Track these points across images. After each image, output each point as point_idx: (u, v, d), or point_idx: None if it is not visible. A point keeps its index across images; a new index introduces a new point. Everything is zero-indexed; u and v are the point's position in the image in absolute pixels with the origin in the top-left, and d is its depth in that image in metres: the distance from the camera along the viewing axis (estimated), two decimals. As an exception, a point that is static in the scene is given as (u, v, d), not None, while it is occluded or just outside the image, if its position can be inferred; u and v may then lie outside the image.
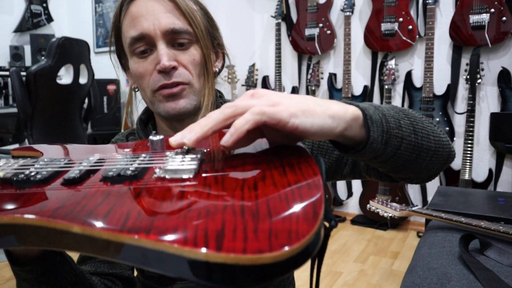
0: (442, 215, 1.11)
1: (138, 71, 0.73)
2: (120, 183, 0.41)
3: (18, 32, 3.98)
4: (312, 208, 0.33)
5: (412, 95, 2.69)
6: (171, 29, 0.70)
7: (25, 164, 0.48)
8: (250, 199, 0.35)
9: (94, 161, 0.48)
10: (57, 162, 0.49)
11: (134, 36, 0.71)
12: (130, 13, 0.72)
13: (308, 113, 0.44)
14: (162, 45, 0.71)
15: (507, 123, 2.28)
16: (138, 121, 0.83)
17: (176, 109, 0.72)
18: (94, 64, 2.74)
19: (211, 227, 0.30)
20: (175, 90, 0.72)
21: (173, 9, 0.72)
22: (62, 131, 2.56)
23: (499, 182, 2.51)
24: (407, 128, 0.55)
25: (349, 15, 2.83)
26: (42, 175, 0.43)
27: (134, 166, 0.45)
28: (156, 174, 0.43)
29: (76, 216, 0.34)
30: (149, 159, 0.48)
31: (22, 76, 2.25)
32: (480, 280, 0.79)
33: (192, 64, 0.73)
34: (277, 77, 3.14)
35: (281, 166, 0.43)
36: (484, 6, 2.39)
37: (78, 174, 0.43)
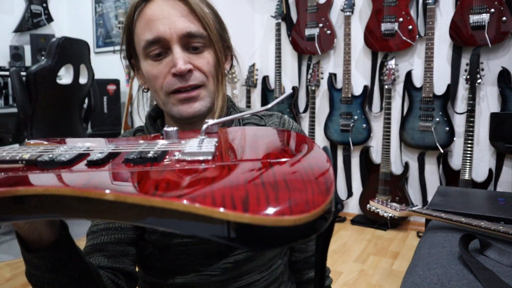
0: (442, 215, 1.11)
1: (152, 73, 0.74)
2: (142, 164, 0.43)
3: (18, 32, 3.98)
4: (325, 184, 0.36)
5: (412, 95, 2.69)
6: (187, 33, 0.72)
7: (48, 149, 0.50)
8: (268, 176, 0.38)
9: (113, 147, 0.50)
10: (78, 148, 0.51)
11: (149, 40, 0.72)
12: (145, 16, 0.73)
13: None
14: (177, 49, 0.72)
15: (507, 123, 2.28)
16: (148, 117, 0.84)
17: (191, 112, 0.74)
18: (94, 64, 2.74)
19: (237, 195, 0.33)
20: (191, 94, 0.73)
21: (188, 13, 0.73)
22: (62, 131, 2.56)
23: (499, 182, 2.51)
24: None
25: (349, 15, 2.83)
26: (66, 158, 0.45)
27: (155, 150, 0.47)
28: (175, 156, 0.45)
29: (107, 187, 0.36)
30: (167, 145, 0.50)
31: (22, 76, 2.25)
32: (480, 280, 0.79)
33: (206, 67, 0.75)
34: (277, 77, 3.14)
35: (292, 150, 0.47)
36: (484, 6, 2.39)
37: (101, 156, 0.44)
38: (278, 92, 3.15)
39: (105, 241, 0.75)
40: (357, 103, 2.90)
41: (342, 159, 3.05)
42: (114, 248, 0.75)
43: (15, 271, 2.20)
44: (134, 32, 0.76)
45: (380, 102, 2.89)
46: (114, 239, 0.75)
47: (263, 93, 3.30)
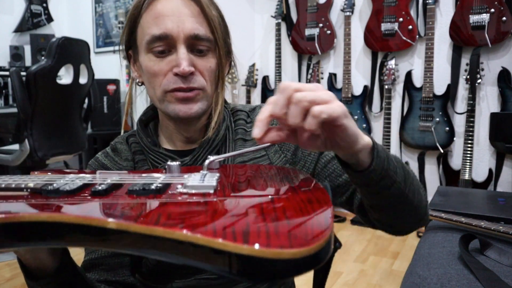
0: (442, 215, 1.11)
1: (153, 69, 0.73)
2: (145, 195, 0.44)
3: (18, 32, 3.98)
4: (324, 219, 0.37)
5: (412, 95, 2.69)
6: (194, 35, 0.71)
7: (53, 178, 0.51)
8: (268, 210, 0.39)
9: (117, 179, 0.51)
10: (83, 178, 0.52)
11: (156, 35, 0.70)
12: (154, 9, 0.72)
13: (350, 117, 0.50)
14: (183, 49, 0.71)
15: (507, 123, 2.28)
16: (138, 122, 0.83)
17: (187, 113, 0.73)
18: (94, 64, 2.74)
19: (237, 226, 0.34)
20: (190, 95, 0.72)
21: (198, 14, 0.72)
22: (62, 131, 2.55)
23: (499, 182, 2.51)
24: (400, 176, 0.61)
25: (349, 15, 2.83)
26: (70, 187, 0.46)
27: (157, 182, 0.48)
28: (178, 189, 0.46)
29: (111, 214, 0.38)
30: (169, 178, 0.51)
31: (22, 76, 2.25)
32: (480, 280, 0.79)
33: (208, 71, 0.74)
34: (277, 77, 3.14)
35: (293, 187, 0.48)
36: (484, 6, 2.39)
37: (104, 187, 0.45)
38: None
39: (102, 254, 0.75)
40: (357, 103, 2.90)
41: (342, 159, 3.05)
42: (112, 261, 0.75)
43: (15, 271, 2.20)
44: (139, 23, 0.74)
45: (380, 102, 2.89)
46: (111, 251, 0.75)
47: (263, 93, 3.30)
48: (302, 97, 0.47)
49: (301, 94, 0.47)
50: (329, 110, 0.47)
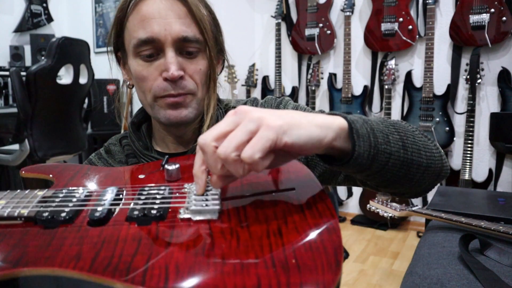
0: (442, 215, 1.11)
1: (141, 74, 0.71)
2: (147, 224, 0.43)
3: (18, 32, 3.98)
4: (334, 256, 0.36)
5: (412, 95, 2.69)
6: (182, 37, 0.68)
7: (45, 198, 0.49)
8: (277, 248, 0.37)
9: (114, 195, 0.50)
10: (76, 194, 0.50)
11: (142, 39, 0.68)
12: (140, 11, 0.69)
13: (294, 125, 0.44)
14: (171, 53, 0.68)
15: (507, 123, 2.28)
16: (130, 125, 0.82)
17: (178, 118, 0.71)
18: (94, 64, 2.74)
19: (248, 284, 0.32)
20: (179, 100, 0.71)
21: (186, 15, 0.69)
22: (62, 131, 2.56)
23: (499, 182, 2.51)
24: (395, 143, 0.54)
25: (349, 15, 2.83)
26: (66, 213, 0.44)
27: (157, 203, 0.46)
28: (180, 214, 0.44)
29: (116, 270, 0.35)
30: (169, 194, 0.50)
31: (22, 76, 2.25)
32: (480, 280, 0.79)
33: (198, 74, 0.72)
34: (277, 77, 3.14)
35: (300, 207, 0.45)
36: (484, 6, 2.39)
37: (102, 214, 0.44)
38: (278, 92, 3.15)
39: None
40: (357, 103, 2.90)
41: (342, 159, 3.05)
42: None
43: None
44: (126, 26, 0.72)
45: (380, 102, 2.89)
46: None
47: (263, 93, 3.30)
48: (225, 153, 0.42)
49: (223, 149, 0.42)
50: (259, 145, 0.41)
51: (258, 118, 0.43)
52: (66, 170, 0.62)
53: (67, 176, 0.60)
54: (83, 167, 0.64)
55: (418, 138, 0.59)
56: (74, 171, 0.62)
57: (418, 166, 0.57)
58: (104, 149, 0.84)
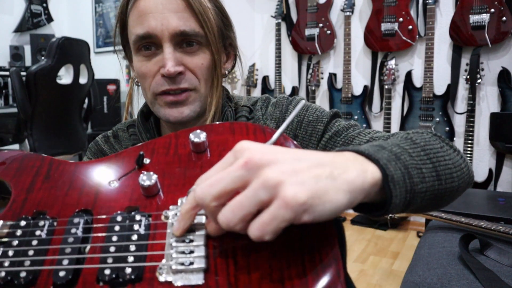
0: (442, 215, 1.11)
1: (141, 71, 0.69)
2: (121, 287, 0.38)
3: (18, 32, 3.98)
4: None
5: (412, 95, 2.69)
6: (180, 32, 0.66)
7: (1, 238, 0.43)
8: None
9: (81, 232, 0.43)
10: (37, 232, 0.44)
11: (140, 34, 0.67)
12: (138, 7, 0.68)
13: (318, 199, 0.34)
14: (169, 48, 0.66)
15: (507, 123, 2.28)
16: (140, 114, 0.79)
17: (178, 117, 0.69)
18: (94, 64, 2.74)
19: None
20: (180, 98, 0.68)
21: (184, 8, 0.67)
22: (62, 131, 2.56)
23: (499, 182, 2.51)
24: (430, 177, 0.47)
25: (349, 15, 2.83)
26: (27, 274, 0.39)
27: (132, 251, 0.40)
28: (160, 275, 0.38)
29: None
30: (145, 231, 0.43)
31: (22, 76, 2.25)
32: (480, 280, 0.79)
33: (200, 69, 0.69)
34: (277, 77, 3.14)
35: (301, 259, 0.38)
36: (484, 6, 2.39)
37: (68, 276, 0.39)
38: (278, 92, 3.15)
39: None
40: (357, 103, 2.90)
41: (342, 159, 3.05)
42: None
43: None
44: (127, 23, 0.71)
45: (380, 102, 2.89)
46: None
47: (263, 93, 3.30)
48: (228, 224, 0.35)
49: (225, 220, 0.35)
50: (271, 227, 0.34)
51: (274, 184, 0.34)
52: (23, 170, 0.53)
53: (26, 182, 0.51)
54: (43, 163, 0.54)
55: (448, 156, 0.52)
56: (33, 172, 0.53)
57: (451, 192, 0.52)
58: (112, 133, 0.82)
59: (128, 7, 0.70)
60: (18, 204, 0.49)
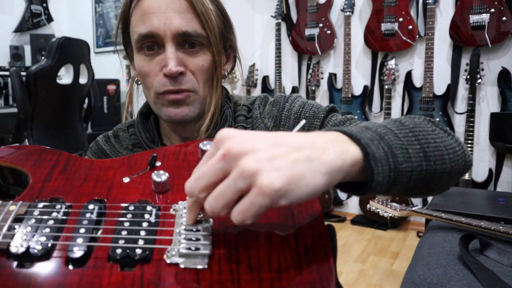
0: (442, 215, 1.11)
1: (143, 70, 0.70)
2: (130, 267, 0.41)
3: (18, 32, 3.98)
4: None
5: (412, 95, 2.69)
6: (182, 32, 0.67)
7: (19, 216, 0.46)
8: None
9: (95, 215, 0.46)
10: (53, 213, 0.46)
11: (142, 33, 0.67)
12: (141, 6, 0.68)
13: (294, 183, 0.36)
14: (171, 48, 0.67)
15: (507, 123, 2.28)
16: (139, 114, 0.80)
17: (178, 115, 0.70)
18: (94, 64, 2.74)
19: None
20: (180, 96, 0.69)
21: (187, 9, 0.67)
22: (62, 131, 2.56)
23: (499, 182, 2.51)
24: (417, 157, 0.47)
25: (349, 15, 2.83)
26: (42, 247, 0.42)
27: (142, 236, 0.43)
28: (167, 257, 0.41)
29: None
30: (155, 219, 0.46)
31: (22, 76, 2.25)
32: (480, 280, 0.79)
33: (200, 70, 0.70)
34: (277, 77, 3.14)
35: (296, 253, 0.42)
36: (484, 6, 2.39)
37: (80, 252, 0.41)
38: (278, 92, 3.15)
39: None
40: (357, 103, 2.90)
41: (342, 159, 3.05)
42: None
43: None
44: (130, 21, 0.72)
45: (380, 102, 2.89)
46: None
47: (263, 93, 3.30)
48: (213, 212, 0.39)
49: (210, 208, 0.39)
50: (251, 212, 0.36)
51: (250, 174, 0.36)
52: (42, 162, 0.57)
53: (43, 173, 0.55)
54: (61, 157, 0.58)
55: (439, 138, 0.52)
56: (51, 164, 0.57)
57: (442, 174, 0.51)
58: (112, 133, 0.84)
59: (131, 6, 0.70)
60: (35, 191, 0.52)
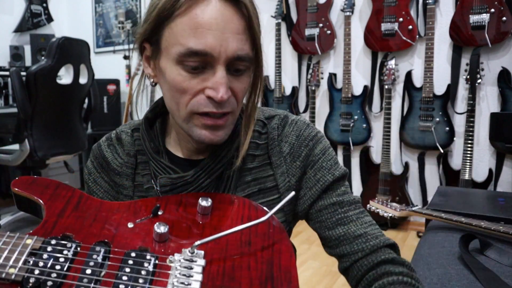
0: (442, 215, 1.11)
1: (181, 86, 0.63)
2: None
3: (18, 32, 3.98)
4: None
5: (412, 95, 2.69)
6: (238, 56, 0.62)
7: (33, 251, 0.51)
8: None
9: (100, 258, 0.52)
10: (64, 251, 0.52)
11: (194, 49, 0.60)
12: (193, 17, 0.60)
13: None
14: (222, 72, 0.62)
15: (507, 123, 2.28)
16: (144, 121, 0.76)
17: (214, 140, 0.66)
18: (94, 64, 2.74)
19: None
20: (219, 122, 0.65)
21: (244, 30, 0.62)
22: (62, 131, 2.56)
23: (499, 182, 2.51)
24: None
25: (349, 15, 2.83)
26: (53, 283, 0.47)
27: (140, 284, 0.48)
28: None
29: None
30: (153, 269, 0.51)
31: (22, 76, 2.25)
32: (480, 280, 0.80)
33: (242, 92, 0.67)
34: (277, 77, 3.14)
35: None
36: (484, 6, 2.39)
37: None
38: (278, 92, 3.15)
39: None
40: (357, 103, 2.90)
41: (342, 159, 3.05)
42: None
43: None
44: (170, 26, 0.62)
45: (380, 102, 2.89)
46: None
47: (263, 93, 3.30)
48: None
49: None
50: None
51: None
52: (57, 196, 0.63)
53: (58, 208, 0.61)
54: (74, 194, 0.64)
55: None
56: (65, 200, 0.62)
57: None
58: (115, 136, 0.81)
59: (178, 8, 0.61)
60: (49, 225, 0.57)
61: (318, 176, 0.74)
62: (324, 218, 0.73)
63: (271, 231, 0.62)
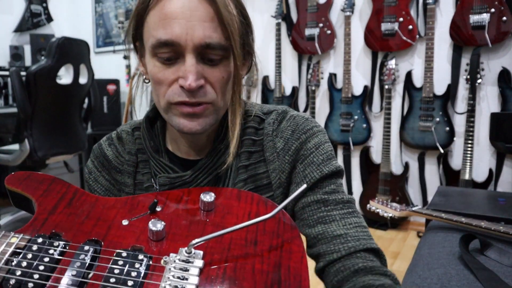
0: (442, 215, 1.10)
1: (157, 77, 0.65)
2: None
3: (18, 32, 3.98)
4: None
5: (412, 95, 2.69)
6: (205, 44, 0.62)
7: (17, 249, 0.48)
8: None
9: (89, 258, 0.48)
10: (50, 250, 0.48)
11: (161, 40, 0.62)
12: (162, 8, 0.62)
13: None
14: (191, 60, 0.62)
15: (507, 123, 2.28)
16: (145, 119, 0.77)
17: (192, 129, 0.65)
18: (94, 64, 2.74)
19: None
20: (197, 110, 0.64)
21: (212, 17, 0.62)
22: (62, 131, 2.56)
23: (499, 182, 2.51)
24: None
25: (349, 15, 2.83)
26: (34, 285, 0.44)
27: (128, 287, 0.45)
28: None
29: None
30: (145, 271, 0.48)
31: (22, 76, 2.25)
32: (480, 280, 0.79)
33: (219, 82, 0.65)
34: (277, 77, 3.14)
35: None
36: (484, 6, 2.39)
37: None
38: (278, 92, 3.15)
39: None
40: (357, 103, 2.90)
41: (342, 159, 3.05)
42: None
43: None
44: (146, 20, 0.65)
45: (380, 102, 2.89)
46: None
47: (263, 93, 3.30)
48: None
49: None
50: None
51: None
52: (50, 192, 0.59)
53: (49, 204, 0.57)
54: (68, 190, 0.60)
55: None
56: (58, 196, 0.58)
57: None
58: (116, 135, 0.81)
59: (150, 3, 0.64)
60: (39, 222, 0.54)
61: (307, 171, 0.71)
62: (306, 216, 0.68)
63: (281, 228, 0.56)
